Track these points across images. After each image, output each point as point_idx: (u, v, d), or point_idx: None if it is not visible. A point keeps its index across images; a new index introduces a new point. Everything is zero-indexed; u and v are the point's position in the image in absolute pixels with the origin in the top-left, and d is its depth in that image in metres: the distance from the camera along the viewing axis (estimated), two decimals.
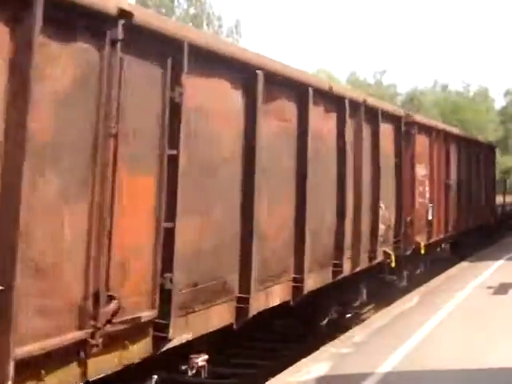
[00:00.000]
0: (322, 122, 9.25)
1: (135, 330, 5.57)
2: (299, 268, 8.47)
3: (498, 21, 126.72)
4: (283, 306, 8.34)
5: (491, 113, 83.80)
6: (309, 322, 10.20)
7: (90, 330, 4.96)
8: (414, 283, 15.06)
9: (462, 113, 78.21)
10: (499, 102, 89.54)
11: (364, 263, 10.90)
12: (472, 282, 14.57)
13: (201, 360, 6.70)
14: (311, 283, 8.82)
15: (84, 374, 5.06)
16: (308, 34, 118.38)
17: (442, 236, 16.62)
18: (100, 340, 5.02)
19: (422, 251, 14.29)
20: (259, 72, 7.27)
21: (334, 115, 9.78)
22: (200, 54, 6.18)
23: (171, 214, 5.82)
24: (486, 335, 9.66)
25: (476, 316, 11.10)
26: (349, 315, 11.67)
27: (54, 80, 4.65)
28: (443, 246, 18.82)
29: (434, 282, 15.22)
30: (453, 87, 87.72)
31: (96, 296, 5.01)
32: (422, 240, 14.31)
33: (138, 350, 5.67)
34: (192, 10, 52.14)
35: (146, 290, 5.65)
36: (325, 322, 10.38)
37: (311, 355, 8.76)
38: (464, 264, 18.24)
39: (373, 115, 11.31)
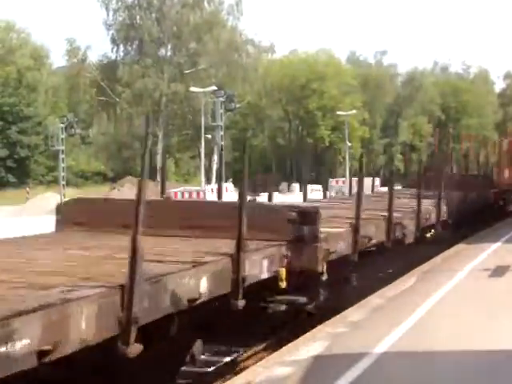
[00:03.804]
0: None
1: None
2: None
3: (499, 3, 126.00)
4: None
5: (491, 95, 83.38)
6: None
7: None
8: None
9: (461, 95, 77.95)
10: (499, 85, 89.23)
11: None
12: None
13: None
14: None
15: None
16: (309, 13, 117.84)
17: None
18: None
19: None
20: None
21: None
22: None
23: None
24: (483, 317, 9.65)
25: (473, 297, 11.09)
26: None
27: None
28: None
29: (431, 263, 15.19)
30: (453, 69, 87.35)
31: None
32: None
33: None
34: None
35: None
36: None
37: (308, 333, 8.73)
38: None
39: None
